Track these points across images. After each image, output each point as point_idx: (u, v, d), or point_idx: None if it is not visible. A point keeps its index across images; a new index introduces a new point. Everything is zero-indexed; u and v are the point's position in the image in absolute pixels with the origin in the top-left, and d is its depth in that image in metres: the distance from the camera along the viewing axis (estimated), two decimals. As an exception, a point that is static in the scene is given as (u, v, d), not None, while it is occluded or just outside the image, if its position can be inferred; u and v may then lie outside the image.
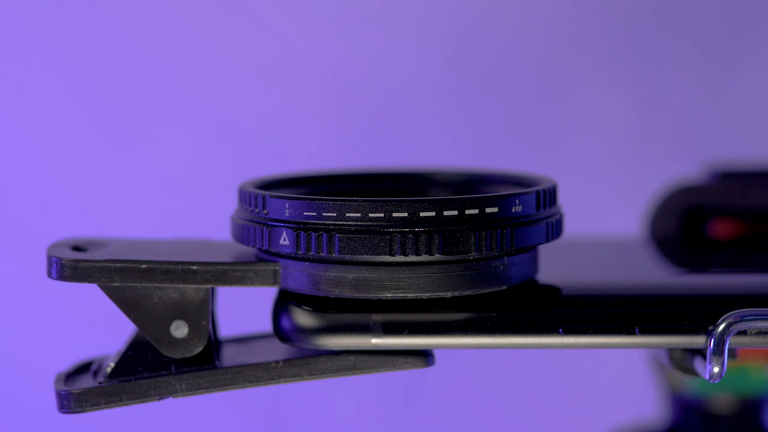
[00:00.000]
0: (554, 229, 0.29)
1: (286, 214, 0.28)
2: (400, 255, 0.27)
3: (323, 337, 0.28)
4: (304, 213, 0.27)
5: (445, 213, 0.27)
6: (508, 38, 0.57)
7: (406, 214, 0.27)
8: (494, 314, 0.28)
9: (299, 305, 0.28)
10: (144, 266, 0.28)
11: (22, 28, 0.58)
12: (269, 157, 0.56)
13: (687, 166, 0.44)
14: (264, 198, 0.28)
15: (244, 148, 0.57)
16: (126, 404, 0.29)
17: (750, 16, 0.60)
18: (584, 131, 0.59)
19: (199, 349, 0.29)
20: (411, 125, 0.58)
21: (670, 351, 0.29)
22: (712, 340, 0.27)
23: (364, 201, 0.27)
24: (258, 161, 0.56)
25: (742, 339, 0.27)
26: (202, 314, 0.29)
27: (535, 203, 0.28)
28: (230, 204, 0.31)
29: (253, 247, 0.29)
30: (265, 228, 0.28)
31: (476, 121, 0.59)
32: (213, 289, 0.29)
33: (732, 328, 0.27)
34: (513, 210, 0.28)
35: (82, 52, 0.59)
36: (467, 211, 0.27)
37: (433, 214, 0.27)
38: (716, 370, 0.27)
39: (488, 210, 0.27)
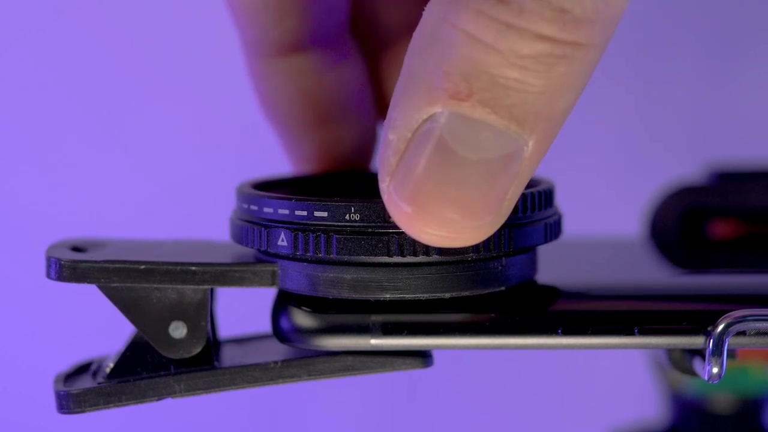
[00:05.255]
0: (553, 230, 0.29)
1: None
2: (398, 256, 0.27)
3: (322, 337, 0.28)
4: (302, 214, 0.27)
5: None
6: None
7: None
8: (493, 315, 0.28)
9: (298, 306, 0.28)
10: (143, 267, 0.28)
11: (22, 28, 0.58)
12: (269, 157, 0.56)
13: (687, 166, 0.44)
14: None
15: (245, 149, 0.57)
16: (125, 405, 0.29)
17: (751, 16, 0.60)
18: (584, 131, 0.59)
19: (198, 349, 0.29)
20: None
21: (670, 351, 0.29)
22: (711, 340, 0.27)
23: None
24: (258, 161, 0.56)
25: (741, 340, 0.27)
26: (200, 315, 0.29)
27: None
28: (230, 205, 0.31)
29: (252, 248, 0.29)
30: (263, 229, 0.28)
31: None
32: (212, 289, 0.29)
33: (731, 328, 0.27)
34: None
35: (82, 52, 0.59)
36: None
37: None
38: (715, 370, 0.27)
39: None
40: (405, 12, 0.35)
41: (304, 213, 0.27)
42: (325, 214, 0.27)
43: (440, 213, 0.24)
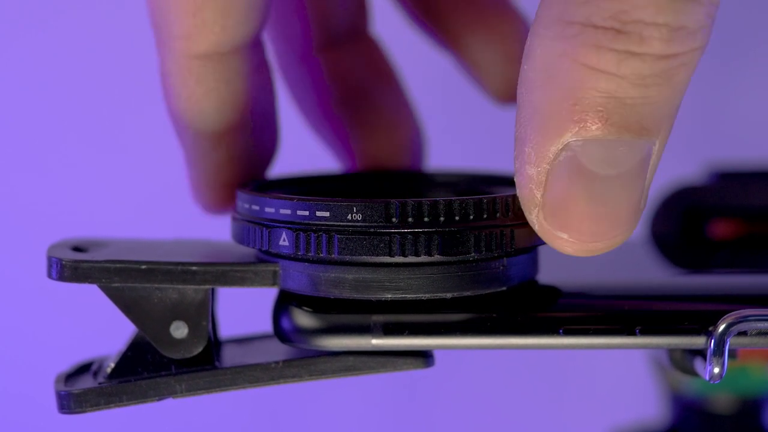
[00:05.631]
0: (554, 230, 0.29)
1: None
2: (400, 256, 0.27)
3: (323, 337, 0.28)
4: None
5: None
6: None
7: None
8: (494, 315, 0.28)
9: (299, 306, 0.28)
10: (144, 267, 0.28)
11: (23, 28, 0.58)
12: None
13: (687, 166, 0.44)
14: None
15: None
16: (125, 405, 0.29)
17: (751, 16, 0.60)
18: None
19: (199, 349, 0.29)
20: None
21: (670, 351, 0.29)
22: (712, 340, 0.27)
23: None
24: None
25: (742, 340, 0.27)
26: (201, 315, 0.29)
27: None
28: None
29: (253, 247, 0.29)
30: (264, 229, 0.28)
31: (476, 122, 0.58)
32: (213, 289, 0.29)
33: (732, 328, 0.27)
34: None
35: (82, 52, 0.59)
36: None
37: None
38: (716, 370, 0.27)
39: None
40: (339, 14, 0.36)
41: (306, 213, 0.27)
42: (326, 214, 0.27)
43: (594, 230, 0.26)
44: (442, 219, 0.27)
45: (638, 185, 0.26)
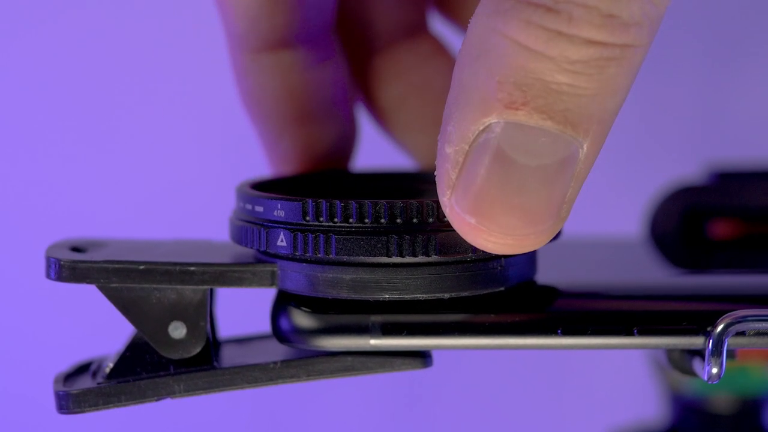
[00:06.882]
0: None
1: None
2: (397, 256, 0.27)
3: (321, 338, 0.28)
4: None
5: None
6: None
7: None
8: (492, 315, 0.28)
9: (297, 306, 0.28)
10: (142, 267, 0.28)
11: (23, 28, 0.58)
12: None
13: (687, 166, 0.44)
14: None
15: (244, 149, 0.57)
16: (124, 405, 0.29)
17: (751, 16, 0.60)
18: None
19: (198, 349, 0.29)
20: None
21: (669, 351, 0.29)
22: (711, 341, 0.27)
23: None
24: (258, 162, 0.55)
25: (740, 340, 0.27)
26: (200, 315, 0.29)
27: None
28: (230, 205, 0.31)
29: (251, 248, 0.29)
30: (262, 229, 0.28)
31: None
32: (212, 290, 0.29)
33: (730, 329, 0.27)
34: None
35: (82, 52, 0.59)
36: None
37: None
38: (714, 371, 0.27)
39: None
40: (396, 13, 0.36)
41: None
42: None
43: (504, 221, 0.25)
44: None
45: (558, 186, 0.25)
